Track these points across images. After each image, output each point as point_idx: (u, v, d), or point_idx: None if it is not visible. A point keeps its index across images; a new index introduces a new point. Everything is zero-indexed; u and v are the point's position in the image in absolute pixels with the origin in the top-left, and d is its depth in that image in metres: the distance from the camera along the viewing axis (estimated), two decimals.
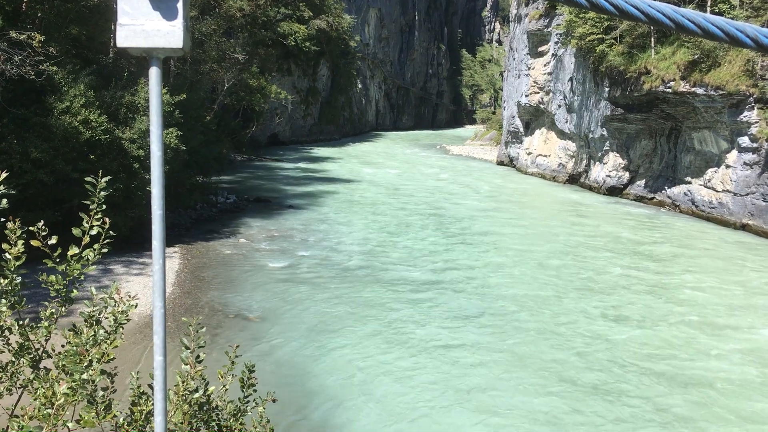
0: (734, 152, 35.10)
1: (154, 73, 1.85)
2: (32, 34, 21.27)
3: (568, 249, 28.53)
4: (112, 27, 27.75)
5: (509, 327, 18.42)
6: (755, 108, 33.48)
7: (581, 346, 17.09)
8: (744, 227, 33.42)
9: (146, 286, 20.21)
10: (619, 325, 18.76)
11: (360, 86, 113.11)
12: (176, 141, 26.02)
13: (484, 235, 31.24)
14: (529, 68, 58.47)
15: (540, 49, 56.89)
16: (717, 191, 36.25)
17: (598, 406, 13.68)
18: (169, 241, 26.74)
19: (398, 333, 17.71)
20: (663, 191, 41.62)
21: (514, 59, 64.20)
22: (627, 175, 45.22)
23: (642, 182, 43.93)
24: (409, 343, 17.04)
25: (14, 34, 20.72)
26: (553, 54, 54.55)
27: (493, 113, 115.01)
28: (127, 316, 3.85)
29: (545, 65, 56.17)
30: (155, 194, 1.88)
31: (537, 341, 17.35)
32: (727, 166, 35.52)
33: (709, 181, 37.13)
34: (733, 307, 20.82)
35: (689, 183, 39.03)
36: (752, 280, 24.34)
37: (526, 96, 58.58)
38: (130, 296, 3.94)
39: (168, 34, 1.80)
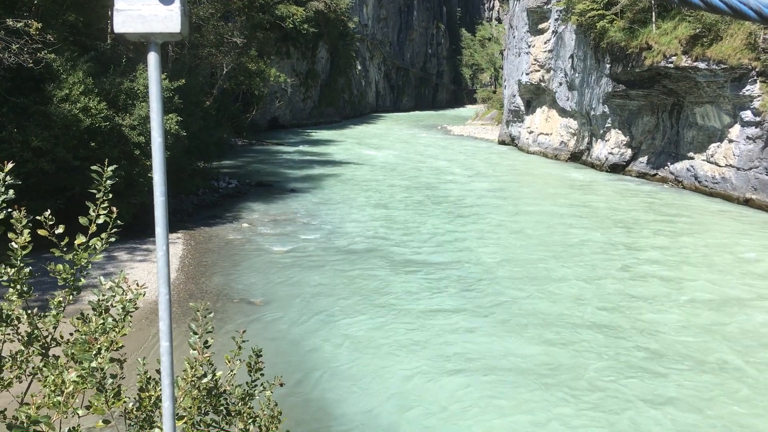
0: (737, 126, 34.95)
1: (152, 58, 1.84)
2: (29, 21, 21.13)
3: (567, 227, 28.52)
4: (109, 13, 27.57)
5: (505, 302, 18.50)
6: (758, 81, 33.28)
7: (559, 312, 17.20)
8: (747, 202, 33.36)
9: (150, 272, 20.27)
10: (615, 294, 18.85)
11: (359, 68, 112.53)
12: (176, 127, 25.97)
13: (485, 215, 31.23)
14: (529, 46, 58.09)
15: (540, 26, 56.48)
16: (720, 166, 36.14)
17: (574, 352, 13.82)
18: (172, 227, 26.78)
19: (403, 312, 17.77)
20: (666, 167, 41.51)
21: (514, 37, 63.78)
22: (629, 151, 45.09)
23: (644, 159, 43.79)
24: (414, 323, 17.10)
25: (11, 22, 20.59)
26: (553, 31, 54.18)
27: (494, 92, 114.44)
28: (136, 304, 3.87)
29: (545, 43, 55.80)
30: (157, 180, 1.87)
31: (528, 310, 17.44)
32: (730, 141, 35.38)
33: (711, 156, 37.01)
34: (701, 270, 20.92)
35: (692, 158, 38.91)
36: (729, 244, 24.43)
37: (527, 74, 58.26)
38: (138, 285, 3.95)
39: (166, 18, 1.79)
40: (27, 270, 3.70)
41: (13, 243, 3.62)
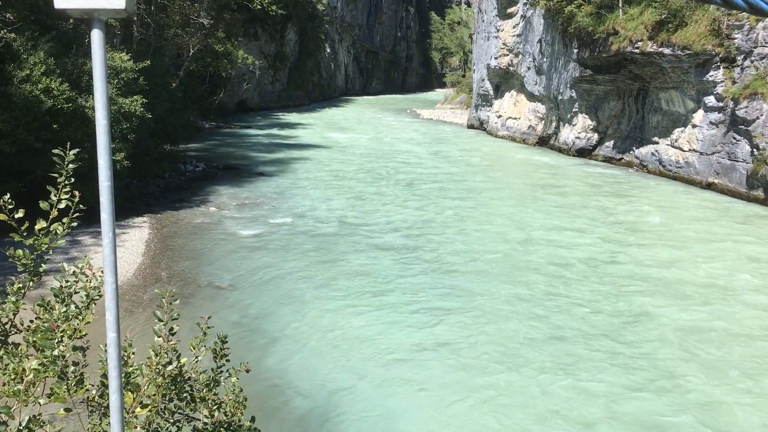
0: (700, 112, 35.50)
1: (96, 36, 1.76)
2: None
3: (531, 211, 28.82)
4: None
5: (473, 286, 18.68)
6: (721, 67, 33.79)
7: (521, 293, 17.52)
8: (710, 186, 33.98)
9: (118, 257, 19.97)
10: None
11: (328, 51, 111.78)
12: (141, 109, 25.53)
13: (452, 198, 31.37)
14: (498, 30, 58.17)
15: (509, 10, 56.56)
16: (683, 151, 36.72)
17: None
18: (138, 210, 26.44)
19: (370, 297, 17.81)
20: (631, 152, 42.06)
21: (483, 21, 63.80)
22: (596, 136, 45.55)
23: (610, 143, 44.30)
24: (381, 306, 17.16)
25: None
26: (522, 15, 54.30)
27: (463, 76, 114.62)
28: (100, 291, 3.78)
29: (514, 27, 55.92)
30: (102, 165, 1.80)
31: (491, 294, 17.68)
32: (694, 126, 35.94)
33: (675, 141, 37.58)
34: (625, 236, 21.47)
35: (656, 143, 39.46)
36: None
37: (496, 58, 58.39)
38: (102, 272, 3.86)
39: None
40: None
41: None
